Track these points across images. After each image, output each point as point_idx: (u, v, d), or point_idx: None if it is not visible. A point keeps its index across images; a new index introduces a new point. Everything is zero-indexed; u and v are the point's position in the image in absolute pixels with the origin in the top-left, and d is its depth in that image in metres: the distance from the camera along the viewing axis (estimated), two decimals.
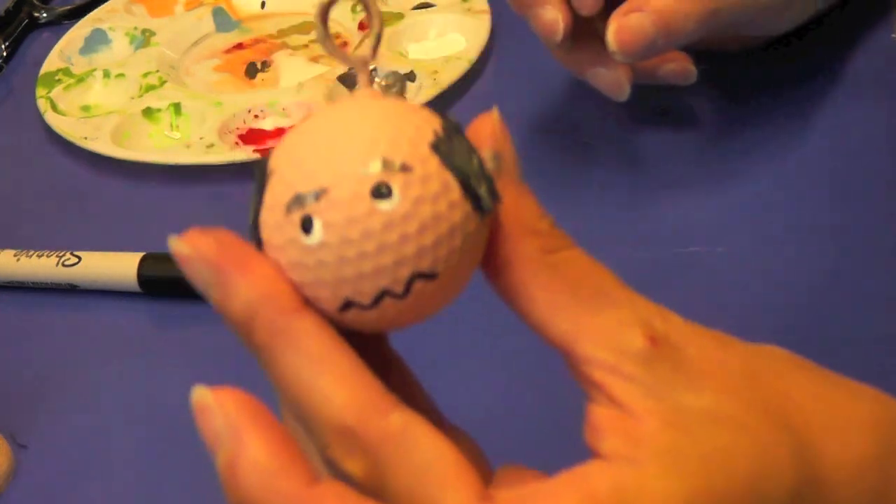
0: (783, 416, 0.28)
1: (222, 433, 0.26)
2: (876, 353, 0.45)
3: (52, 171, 0.65)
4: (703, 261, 0.51)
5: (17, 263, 0.55)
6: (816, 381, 0.30)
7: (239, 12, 0.76)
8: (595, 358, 0.27)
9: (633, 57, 0.49)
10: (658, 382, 0.27)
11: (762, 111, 0.59)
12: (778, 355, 0.30)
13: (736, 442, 0.27)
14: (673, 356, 0.28)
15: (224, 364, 0.50)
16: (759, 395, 0.28)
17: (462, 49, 0.67)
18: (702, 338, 0.29)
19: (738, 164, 0.56)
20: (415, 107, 0.28)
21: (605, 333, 0.27)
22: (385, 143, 0.26)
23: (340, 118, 0.27)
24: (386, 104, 0.27)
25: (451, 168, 0.26)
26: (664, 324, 0.28)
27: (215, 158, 0.61)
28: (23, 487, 0.46)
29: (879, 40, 0.62)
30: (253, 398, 0.27)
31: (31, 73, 0.71)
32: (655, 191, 0.56)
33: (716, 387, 0.28)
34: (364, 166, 0.26)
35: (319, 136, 0.27)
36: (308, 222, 0.26)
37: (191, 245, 0.27)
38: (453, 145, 0.27)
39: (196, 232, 0.27)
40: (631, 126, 0.60)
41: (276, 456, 0.26)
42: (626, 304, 0.28)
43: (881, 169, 0.55)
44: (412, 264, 0.26)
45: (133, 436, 0.48)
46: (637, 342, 0.27)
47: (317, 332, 0.27)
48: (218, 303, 0.27)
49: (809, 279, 0.49)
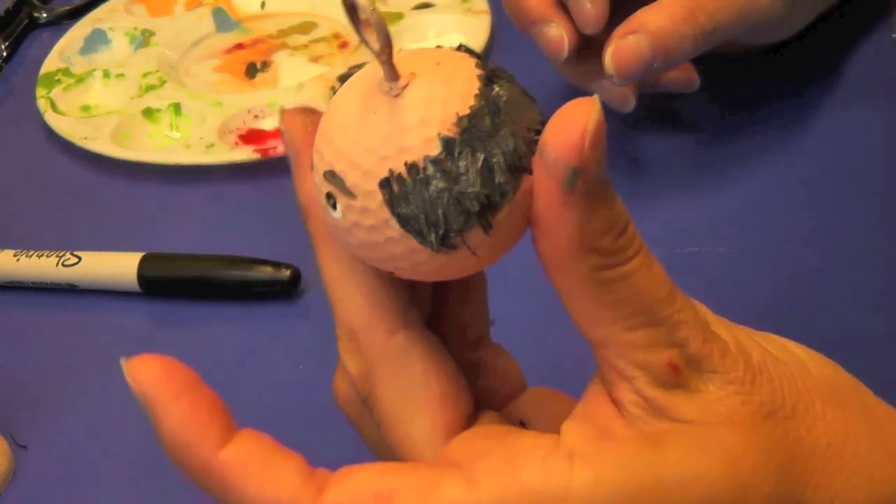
0: (783, 467, 0.27)
1: (143, 407, 0.27)
2: (876, 353, 0.45)
3: (52, 171, 0.65)
4: (703, 261, 0.51)
5: (17, 263, 0.55)
6: (840, 393, 0.30)
7: (239, 12, 0.76)
8: (616, 366, 0.27)
9: (631, 79, 0.50)
10: (667, 405, 0.27)
11: (762, 111, 0.59)
12: (802, 362, 0.30)
13: (693, 493, 0.26)
14: (692, 385, 0.27)
15: (224, 364, 0.50)
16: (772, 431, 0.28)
17: None
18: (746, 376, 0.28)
19: (737, 164, 0.56)
20: (451, 91, 0.26)
21: (632, 349, 0.27)
22: (343, 160, 0.26)
23: (369, 102, 0.27)
24: (414, 88, 0.26)
25: (395, 213, 0.26)
26: (704, 346, 0.27)
27: (215, 158, 0.61)
28: (23, 487, 0.46)
29: (879, 40, 0.62)
30: (168, 361, 0.27)
31: (31, 73, 0.71)
32: (655, 191, 0.56)
33: (716, 438, 0.27)
34: (326, 172, 0.27)
35: (349, 114, 0.27)
36: (332, 200, 0.27)
37: (287, 122, 0.30)
38: (483, 123, 0.26)
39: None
40: (631, 126, 0.60)
41: (188, 423, 0.27)
42: (665, 324, 0.27)
43: (881, 169, 0.55)
44: None
45: (133, 436, 0.48)
46: (658, 365, 0.27)
47: None
48: (296, 180, 0.30)
49: (809, 279, 0.49)
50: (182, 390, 0.27)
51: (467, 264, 0.27)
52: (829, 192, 0.54)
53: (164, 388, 0.27)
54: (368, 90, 0.27)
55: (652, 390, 0.27)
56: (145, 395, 0.27)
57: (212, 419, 0.27)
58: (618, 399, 0.28)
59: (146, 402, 0.27)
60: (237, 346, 0.51)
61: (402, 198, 0.25)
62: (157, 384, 0.27)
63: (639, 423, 0.27)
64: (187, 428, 0.26)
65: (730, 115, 0.59)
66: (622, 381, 0.27)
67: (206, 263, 0.53)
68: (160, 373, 0.27)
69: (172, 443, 0.27)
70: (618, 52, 0.49)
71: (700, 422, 0.27)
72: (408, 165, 0.25)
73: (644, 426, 0.27)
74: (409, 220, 0.26)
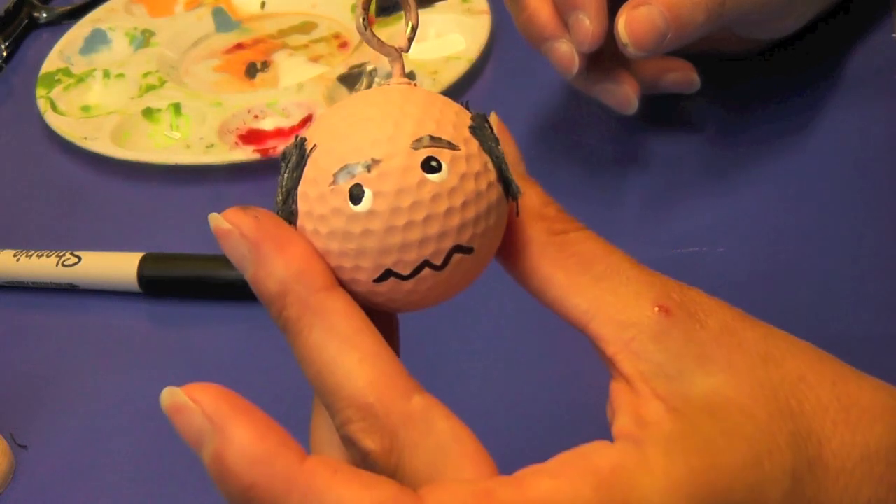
0: (794, 398, 0.28)
1: (204, 429, 0.26)
2: (875, 353, 0.45)
3: (52, 171, 0.65)
4: (703, 261, 0.51)
5: (17, 263, 0.55)
6: (834, 369, 0.30)
7: (239, 12, 0.76)
8: (608, 334, 0.28)
9: (646, 50, 0.49)
10: (668, 357, 0.27)
11: (762, 112, 0.59)
12: (798, 341, 0.30)
13: (738, 429, 0.27)
14: (687, 325, 0.28)
15: (224, 364, 0.50)
16: (771, 375, 0.28)
17: (462, 49, 0.67)
18: (722, 310, 0.29)
19: (738, 164, 0.56)
20: (448, 99, 0.29)
21: (617, 308, 0.28)
22: (432, 122, 0.28)
23: (383, 100, 0.28)
24: (423, 92, 0.29)
25: (488, 152, 0.28)
26: (682, 295, 0.29)
27: (215, 158, 0.61)
28: (23, 487, 0.46)
29: (879, 40, 0.62)
30: (225, 388, 0.27)
31: (31, 73, 0.71)
32: (655, 191, 0.56)
33: (727, 364, 0.28)
34: (416, 140, 0.27)
35: (365, 113, 0.28)
36: (358, 191, 0.27)
37: (230, 221, 0.28)
38: (486, 133, 0.29)
39: (235, 210, 0.28)
40: (631, 127, 0.60)
41: (263, 440, 0.26)
42: (641, 279, 0.29)
43: (881, 169, 0.55)
44: (454, 237, 0.27)
45: (133, 436, 0.48)
46: (648, 313, 0.28)
47: (347, 310, 0.28)
48: (252, 278, 0.28)
49: (809, 279, 0.49)
50: (248, 408, 0.26)
51: None
52: (829, 192, 0.54)
53: (232, 408, 0.26)
54: (377, 92, 0.29)
55: (649, 342, 0.27)
56: (211, 416, 0.26)
57: (284, 433, 0.26)
58: (631, 378, 0.28)
59: (213, 421, 0.26)
60: (237, 346, 0.51)
61: (485, 140, 0.28)
62: (224, 404, 0.26)
63: (662, 392, 0.27)
64: (265, 443, 0.25)
65: (730, 115, 0.59)
66: (621, 352, 0.28)
67: (206, 263, 0.53)
68: (221, 395, 0.26)
69: (245, 460, 0.25)
70: (631, 22, 0.49)
71: None
72: (472, 119, 0.29)
73: (663, 386, 0.27)
74: (498, 160, 0.28)
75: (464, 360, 0.48)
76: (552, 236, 0.29)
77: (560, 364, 0.46)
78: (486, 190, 0.28)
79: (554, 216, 0.30)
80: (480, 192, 0.28)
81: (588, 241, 0.29)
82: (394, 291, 0.28)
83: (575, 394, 0.41)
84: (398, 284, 0.28)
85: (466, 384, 0.46)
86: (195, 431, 0.26)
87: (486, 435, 0.28)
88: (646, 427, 0.27)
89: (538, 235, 0.29)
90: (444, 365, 0.47)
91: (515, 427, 0.44)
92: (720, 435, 0.27)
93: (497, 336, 0.49)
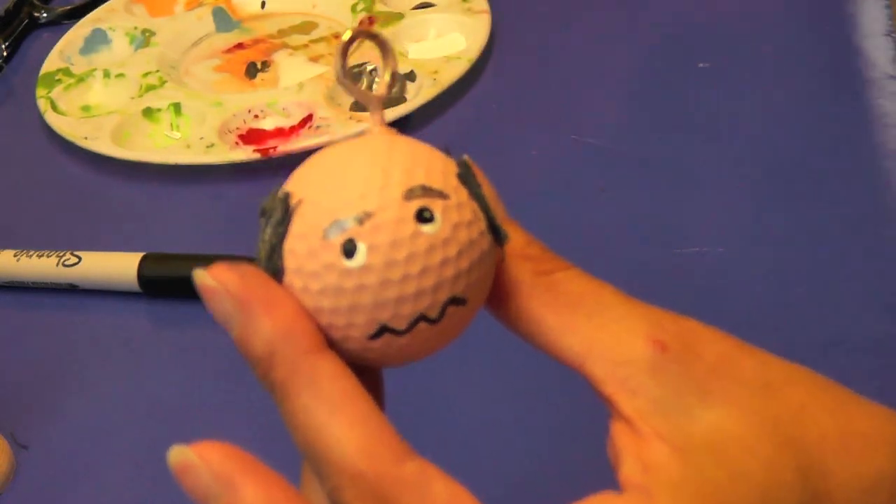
0: (796, 428, 0.28)
1: (212, 487, 0.26)
2: (874, 353, 0.45)
3: (52, 171, 0.65)
4: (703, 261, 0.51)
5: (17, 263, 0.55)
6: (834, 396, 0.29)
7: (239, 12, 0.76)
8: (604, 373, 0.27)
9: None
10: (667, 392, 0.27)
11: (762, 111, 0.59)
12: (796, 367, 0.30)
13: (744, 468, 0.27)
14: (683, 357, 0.27)
15: (223, 364, 0.50)
16: (771, 405, 0.28)
17: (462, 49, 0.67)
18: (718, 340, 0.28)
19: (737, 164, 0.56)
20: (429, 145, 0.28)
21: (611, 346, 0.27)
22: (421, 172, 0.27)
23: (367, 149, 0.27)
24: (407, 139, 0.28)
25: (476, 199, 0.27)
26: (676, 326, 0.28)
27: (215, 158, 0.61)
28: (23, 487, 0.46)
29: (879, 40, 0.62)
30: (232, 446, 0.27)
31: (32, 73, 0.71)
32: (656, 191, 0.56)
33: (726, 396, 0.27)
34: (407, 191, 0.26)
35: (351, 165, 0.27)
36: (351, 245, 0.26)
37: (216, 278, 0.28)
38: (472, 179, 0.28)
39: (221, 266, 0.28)
40: (631, 126, 0.60)
41: (272, 495, 0.26)
42: (632, 314, 0.28)
43: (881, 169, 0.55)
44: (449, 288, 0.27)
45: (133, 435, 0.48)
46: (643, 349, 0.27)
47: (336, 373, 0.27)
48: (238, 338, 0.27)
49: (808, 279, 0.49)
50: (256, 466, 0.26)
51: None
52: (828, 192, 0.54)
53: (241, 467, 0.26)
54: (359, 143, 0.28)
55: (646, 379, 0.27)
56: (220, 474, 0.26)
57: (290, 490, 0.26)
58: (630, 417, 0.27)
59: (221, 480, 0.26)
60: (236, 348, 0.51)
61: (473, 187, 0.28)
62: (232, 463, 0.26)
63: (664, 430, 0.27)
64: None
65: (729, 114, 0.59)
66: (619, 391, 0.27)
67: (206, 263, 0.53)
68: (229, 454, 0.26)
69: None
70: None
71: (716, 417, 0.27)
72: (459, 165, 0.28)
73: (663, 425, 0.27)
74: (486, 207, 0.28)
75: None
76: (539, 277, 0.28)
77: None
78: (478, 238, 0.27)
79: (539, 256, 0.29)
80: (473, 240, 0.27)
81: (576, 279, 0.29)
82: (388, 347, 0.27)
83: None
84: (393, 340, 0.27)
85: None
86: (203, 489, 0.26)
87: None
88: (651, 472, 0.26)
89: (525, 277, 0.28)
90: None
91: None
92: (726, 478, 0.26)
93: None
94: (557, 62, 0.66)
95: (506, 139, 0.60)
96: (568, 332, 0.28)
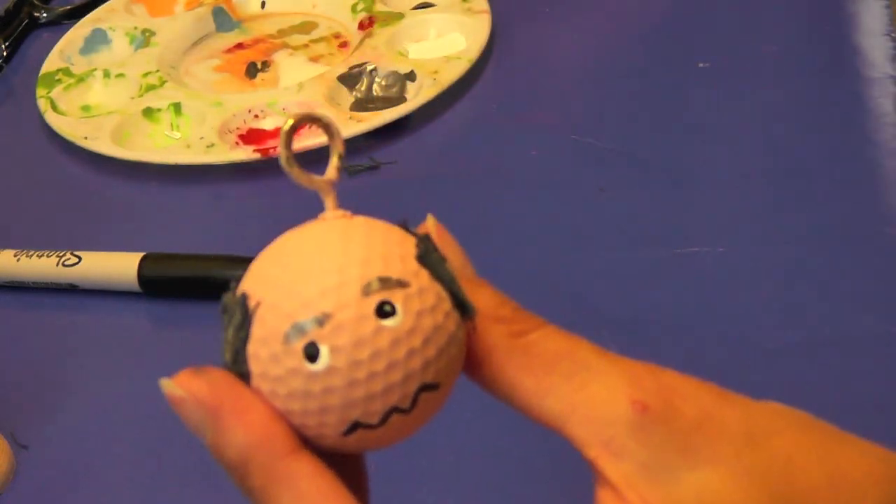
0: (785, 482, 0.27)
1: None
2: (874, 353, 0.46)
3: (52, 171, 0.65)
4: (703, 261, 0.51)
5: (17, 263, 0.55)
6: (820, 440, 0.29)
7: (239, 12, 0.76)
8: (586, 436, 0.27)
9: None
10: (650, 454, 0.26)
11: (762, 111, 0.59)
12: (778, 412, 0.29)
13: None
14: (665, 416, 0.27)
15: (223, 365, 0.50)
16: (757, 459, 0.27)
17: (462, 49, 0.67)
18: (699, 393, 0.28)
19: (738, 164, 0.56)
20: (387, 224, 0.28)
21: (592, 407, 0.27)
22: (378, 261, 0.26)
23: (321, 241, 0.27)
24: (362, 223, 0.27)
25: (439, 279, 0.27)
26: (655, 382, 0.27)
27: (215, 158, 0.61)
28: (23, 487, 0.46)
29: (879, 40, 0.62)
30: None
31: (32, 73, 0.71)
32: (655, 191, 0.56)
33: (711, 454, 0.27)
34: (365, 286, 0.26)
35: (305, 261, 0.26)
36: (313, 349, 0.26)
37: (183, 387, 0.27)
38: (433, 257, 0.27)
39: (188, 374, 0.27)
40: (631, 126, 0.60)
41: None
42: (611, 372, 0.27)
43: (881, 169, 0.55)
44: (419, 377, 0.26)
45: (133, 435, 0.48)
46: (624, 409, 0.26)
47: (313, 473, 0.26)
48: (211, 445, 0.27)
49: (808, 279, 0.49)
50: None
51: None
52: (828, 192, 0.54)
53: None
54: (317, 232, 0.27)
55: (629, 441, 0.26)
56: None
57: None
58: (616, 483, 0.26)
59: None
60: None
61: (434, 266, 0.27)
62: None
63: (650, 497, 0.26)
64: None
65: (729, 114, 0.59)
66: (602, 455, 0.27)
67: (206, 263, 0.53)
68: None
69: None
70: None
71: None
72: (417, 245, 0.27)
73: (648, 490, 0.26)
74: (450, 284, 0.27)
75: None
76: (513, 339, 0.27)
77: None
78: (443, 321, 0.26)
79: (511, 317, 0.28)
80: (438, 325, 0.26)
81: (551, 337, 0.28)
82: (363, 440, 0.27)
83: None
84: (367, 433, 0.26)
85: None
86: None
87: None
88: None
89: (499, 341, 0.27)
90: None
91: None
92: None
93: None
94: (557, 62, 0.66)
95: (506, 139, 0.60)
96: (546, 395, 0.27)
